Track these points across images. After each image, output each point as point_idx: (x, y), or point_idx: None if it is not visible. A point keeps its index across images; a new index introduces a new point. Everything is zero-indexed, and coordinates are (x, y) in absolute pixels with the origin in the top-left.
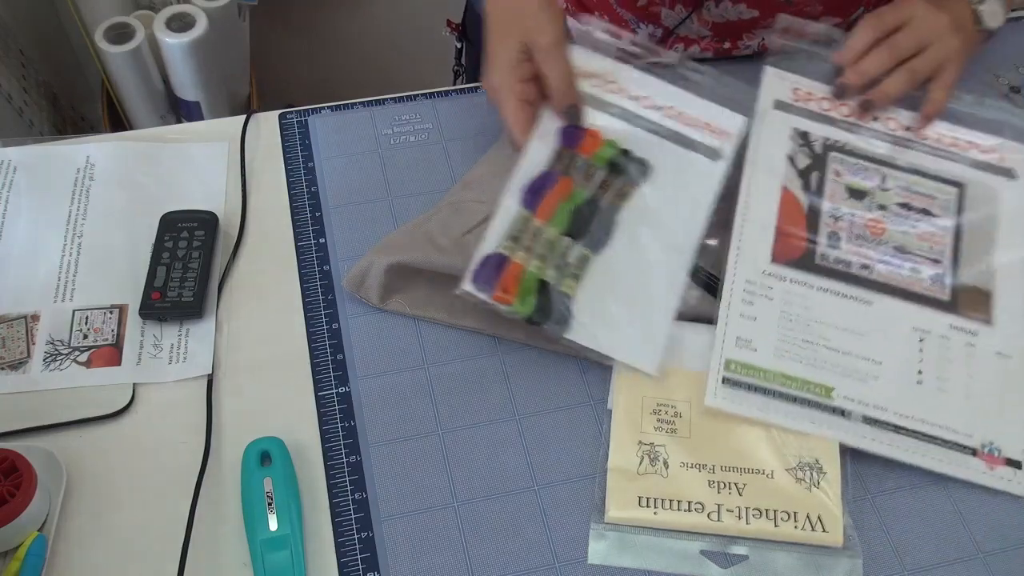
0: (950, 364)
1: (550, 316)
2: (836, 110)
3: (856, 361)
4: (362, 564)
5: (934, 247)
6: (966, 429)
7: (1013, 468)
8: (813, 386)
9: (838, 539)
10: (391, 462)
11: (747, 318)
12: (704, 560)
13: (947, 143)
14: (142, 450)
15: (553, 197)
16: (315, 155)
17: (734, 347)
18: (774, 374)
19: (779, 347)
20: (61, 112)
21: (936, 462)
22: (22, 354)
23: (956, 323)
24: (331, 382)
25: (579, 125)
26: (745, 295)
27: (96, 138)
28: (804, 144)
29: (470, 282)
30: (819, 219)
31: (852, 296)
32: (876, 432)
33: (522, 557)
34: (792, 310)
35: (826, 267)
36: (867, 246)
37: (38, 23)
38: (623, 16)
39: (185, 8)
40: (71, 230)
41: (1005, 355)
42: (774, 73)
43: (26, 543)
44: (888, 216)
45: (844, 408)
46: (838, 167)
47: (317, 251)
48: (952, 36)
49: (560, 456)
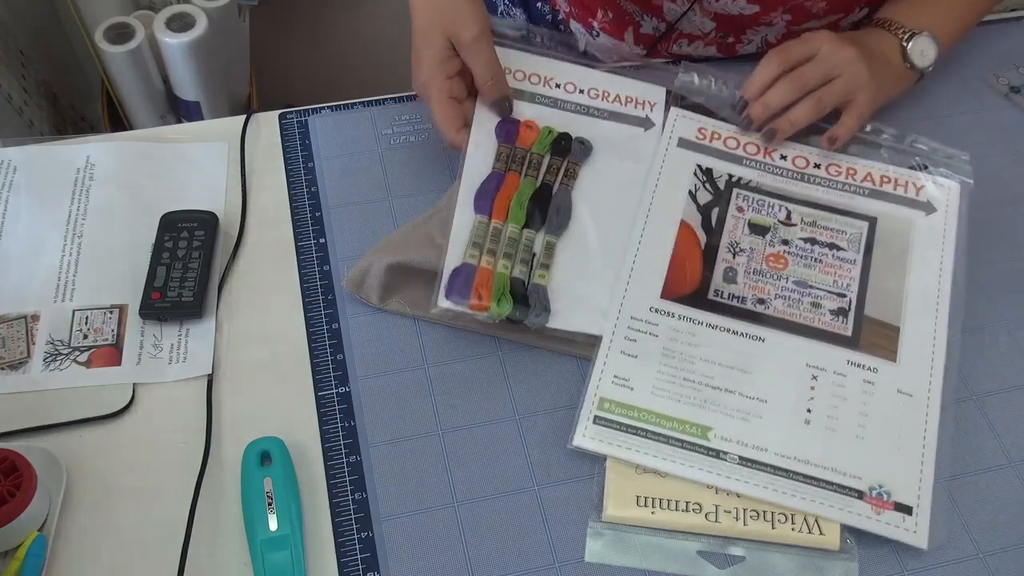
0: (844, 402)
1: (528, 311)
2: (742, 148)
3: (739, 400)
4: (362, 564)
5: (839, 280)
6: (855, 471)
7: (902, 513)
8: (689, 426)
9: (835, 542)
10: (391, 462)
11: (627, 355)
12: (701, 561)
13: (860, 178)
14: (142, 450)
15: (503, 195)
16: (315, 155)
17: (610, 385)
18: (649, 413)
19: (657, 385)
20: (61, 112)
21: (816, 505)
22: (22, 354)
23: (855, 359)
24: (331, 382)
25: (512, 119)
26: (629, 332)
27: (96, 138)
28: (707, 180)
29: (444, 298)
30: (716, 254)
31: (743, 332)
32: (751, 474)
33: (522, 557)
34: (676, 347)
35: (718, 302)
36: (766, 281)
37: (38, 23)
38: (627, 9)
39: (185, 8)
40: (71, 230)
41: (905, 393)
42: (679, 113)
43: (26, 543)
44: (791, 251)
45: (720, 449)
46: (741, 203)
47: (317, 251)
48: (861, 66)
49: (560, 456)
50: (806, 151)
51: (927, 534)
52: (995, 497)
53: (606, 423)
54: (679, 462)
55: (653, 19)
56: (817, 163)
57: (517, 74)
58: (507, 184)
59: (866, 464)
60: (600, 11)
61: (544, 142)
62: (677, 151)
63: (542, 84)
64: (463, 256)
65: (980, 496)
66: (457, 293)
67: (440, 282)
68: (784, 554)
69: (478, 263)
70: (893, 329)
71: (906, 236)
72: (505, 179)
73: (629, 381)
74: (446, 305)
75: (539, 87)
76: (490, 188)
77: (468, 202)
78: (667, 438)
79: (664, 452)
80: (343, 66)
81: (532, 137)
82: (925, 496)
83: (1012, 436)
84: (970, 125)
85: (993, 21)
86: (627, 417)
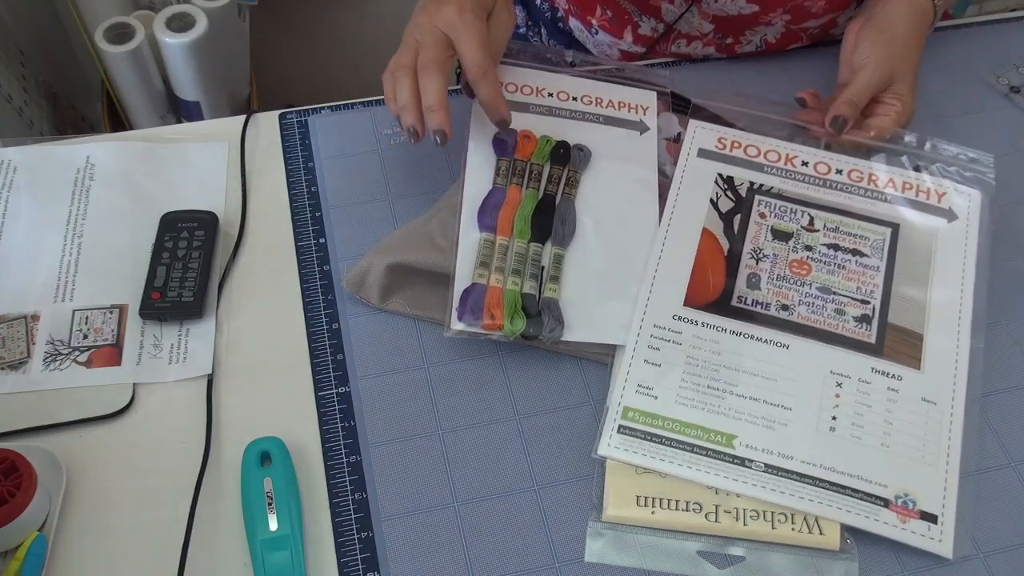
0: (868, 410)
1: (542, 327)
2: (763, 156)
3: (764, 407)
4: (362, 564)
5: (862, 287)
6: (880, 479)
7: (928, 522)
8: (714, 434)
9: (835, 542)
10: (391, 462)
11: (651, 364)
12: (701, 561)
13: (882, 184)
14: (142, 450)
15: (507, 211)
16: (315, 155)
17: (634, 394)
18: (673, 421)
19: (681, 393)
20: (61, 112)
21: (843, 513)
22: (22, 354)
23: (879, 367)
24: (331, 382)
25: (509, 129)
26: (652, 340)
27: (96, 138)
28: (728, 188)
29: (457, 320)
30: (739, 260)
31: (767, 339)
32: (778, 482)
33: (522, 557)
34: (700, 355)
35: (742, 309)
36: (789, 287)
37: (38, 23)
38: (625, 8)
39: (185, 8)
40: (71, 230)
41: (930, 401)
42: (698, 125)
43: (26, 543)
44: (814, 257)
45: (745, 457)
46: (763, 210)
47: (317, 251)
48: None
49: (560, 456)
50: (827, 156)
51: (952, 543)
52: (995, 497)
53: (631, 432)
54: (704, 470)
55: (651, 20)
56: (839, 169)
57: (509, 87)
58: (509, 199)
59: (891, 472)
60: (599, 8)
61: (543, 151)
62: (697, 161)
63: (535, 95)
64: (472, 276)
65: (980, 496)
66: (470, 314)
67: (451, 304)
68: (784, 554)
69: (487, 282)
70: (917, 337)
71: (929, 243)
72: (507, 194)
73: (653, 390)
74: (459, 327)
75: (531, 97)
76: (492, 204)
77: (472, 220)
78: (692, 446)
79: (689, 461)
80: (343, 66)
81: (530, 147)
82: (950, 505)
83: (1012, 436)
84: (970, 125)
85: (993, 21)
86: (651, 426)
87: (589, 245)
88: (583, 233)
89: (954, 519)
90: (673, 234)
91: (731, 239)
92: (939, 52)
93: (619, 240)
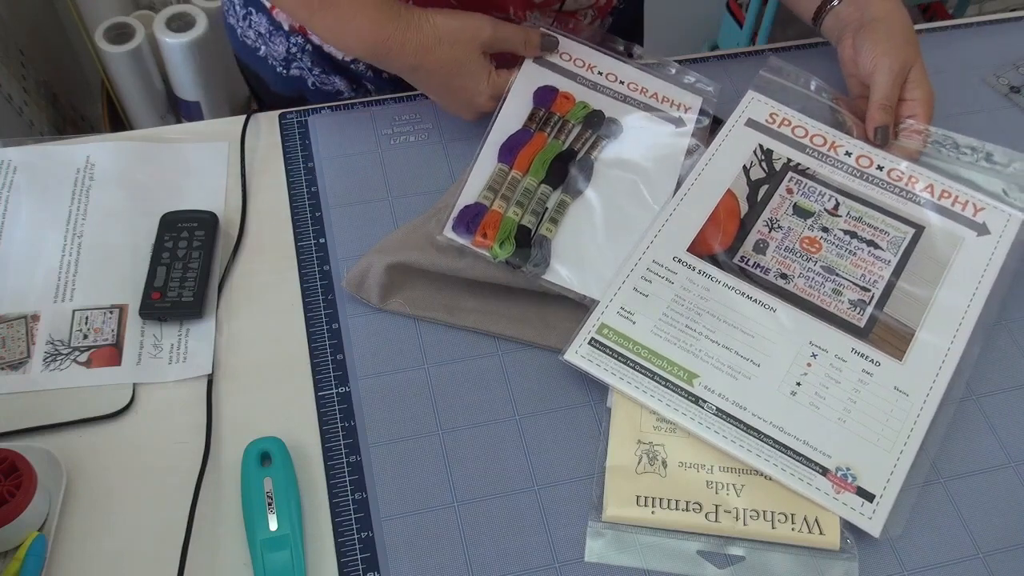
0: (836, 385)
1: (528, 259)
2: (809, 139)
3: (733, 357)
4: (362, 564)
5: (867, 275)
6: (826, 449)
7: (862, 499)
8: (678, 369)
9: (835, 542)
10: (391, 462)
11: (639, 293)
12: (701, 560)
13: (920, 187)
14: (142, 450)
15: (529, 151)
16: (315, 155)
17: (615, 315)
18: (643, 348)
19: (659, 326)
20: (61, 112)
21: (777, 470)
22: (22, 354)
23: (860, 349)
24: (331, 382)
25: (551, 86)
26: (647, 273)
27: (96, 138)
28: (764, 159)
29: (450, 229)
30: (752, 225)
31: (756, 299)
32: (724, 427)
33: (522, 557)
34: (687, 297)
35: (742, 268)
36: (794, 259)
37: (38, 23)
38: None
39: (185, 8)
40: (71, 230)
41: (902, 392)
42: (755, 97)
43: (26, 543)
44: (828, 238)
45: (700, 397)
46: (792, 186)
47: (317, 251)
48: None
49: (560, 456)
50: (873, 152)
51: (882, 524)
52: (995, 497)
53: (600, 347)
54: (657, 399)
55: None
56: (880, 165)
57: (563, 55)
58: (534, 141)
59: (839, 445)
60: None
61: (578, 113)
62: (743, 129)
63: (585, 68)
64: (477, 196)
65: (980, 496)
66: (464, 228)
67: (450, 214)
68: (784, 554)
69: (491, 205)
70: (908, 331)
71: (951, 251)
72: (533, 136)
73: (633, 315)
74: (451, 236)
75: (582, 70)
76: (517, 142)
77: (492, 152)
78: (653, 374)
79: (647, 387)
80: None
81: (567, 107)
82: (892, 489)
83: (1012, 436)
84: (970, 125)
85: (993, 21)
86: (621, 347)
87: (595, 204)
88: (594, 193)
89: (892, 503)
90: (698, 185)
91: (752, 204)
92: (939, 52)
93: (625, 210)
